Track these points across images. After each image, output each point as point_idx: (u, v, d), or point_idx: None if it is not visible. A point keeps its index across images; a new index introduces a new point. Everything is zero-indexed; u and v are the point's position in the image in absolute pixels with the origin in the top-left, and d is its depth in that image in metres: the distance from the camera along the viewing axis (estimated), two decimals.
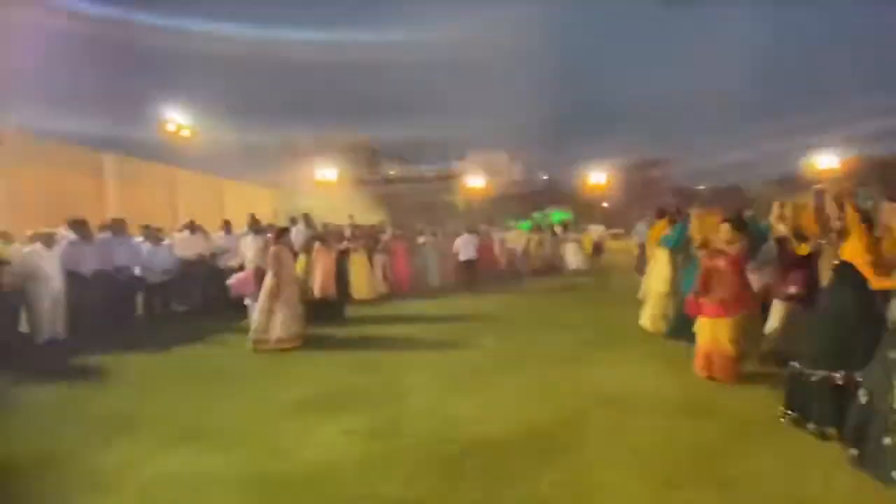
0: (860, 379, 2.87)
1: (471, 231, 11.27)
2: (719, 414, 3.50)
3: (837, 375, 3.05)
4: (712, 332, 4.21)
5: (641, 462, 2.85)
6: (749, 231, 4.59)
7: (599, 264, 15.65)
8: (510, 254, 13.28)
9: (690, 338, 4.60)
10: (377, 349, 5.75)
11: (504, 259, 12.97)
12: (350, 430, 3.44)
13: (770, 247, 4.93)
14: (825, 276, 3.61)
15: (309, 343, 5.96)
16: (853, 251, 3.05)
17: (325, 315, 7.23)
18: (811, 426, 3.13)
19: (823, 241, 3.77)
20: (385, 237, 10.75)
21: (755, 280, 4.70)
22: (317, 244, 7.74)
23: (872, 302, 3.08)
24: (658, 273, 6.04)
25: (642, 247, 12.27)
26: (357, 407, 3.92)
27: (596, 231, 19.75)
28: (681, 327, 5.16)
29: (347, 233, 9.79)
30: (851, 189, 4.35)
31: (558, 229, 15.33)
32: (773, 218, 4.73)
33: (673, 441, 3.11)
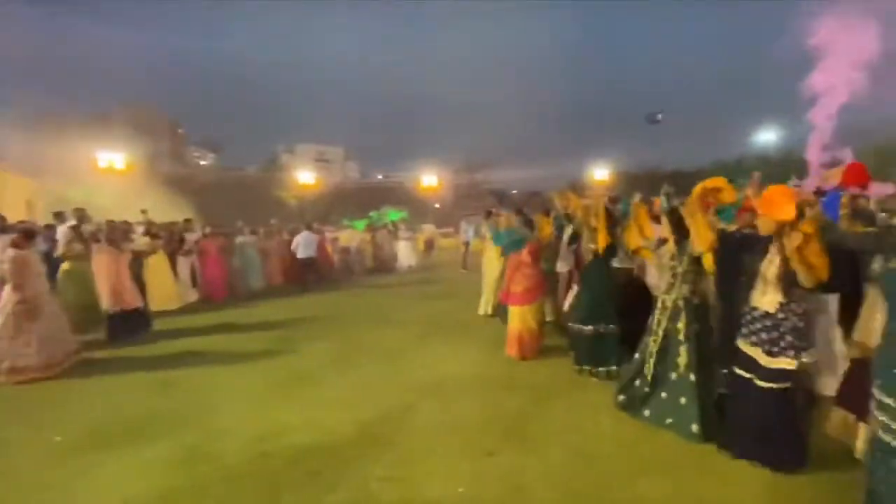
0: (612, 327, 4.13)
1: (309, 229, 10.66)
2: (527, 385, 4.02)
3: (600, 328, 4.17)
4: (521, 318, 4.82)
5: (462, 440, 3.06)
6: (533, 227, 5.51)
7: (431, 262, 16.52)
8: (343, 253, 12.97)
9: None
10: (184, 365, 4.91)
11: (337, 258, 12.58)
12: (150, 461, 2.89)
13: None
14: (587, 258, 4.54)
15: (95, 365, 4.85)
16: (603, 237, 4.19)
17: (123, 330, 5.91)
18: (587, 368, 4.19)
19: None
20: (193, 237, 9.24)
21: (562, 265, 5.57)
22: (96, 246, 6.20)
23: (614, 276, 4.33)
24: (491, 265, 6.76)
25: (466, 244, 13.46)
26: (159, 433, 3.29)
27: (428, 230, 20.75)
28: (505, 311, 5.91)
29: (140, 231, 8.10)
30: (612, 195, 5.43)
31: (394, 228, 15.62)
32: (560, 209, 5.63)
33: (490, 415, 3.44)
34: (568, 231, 5.26)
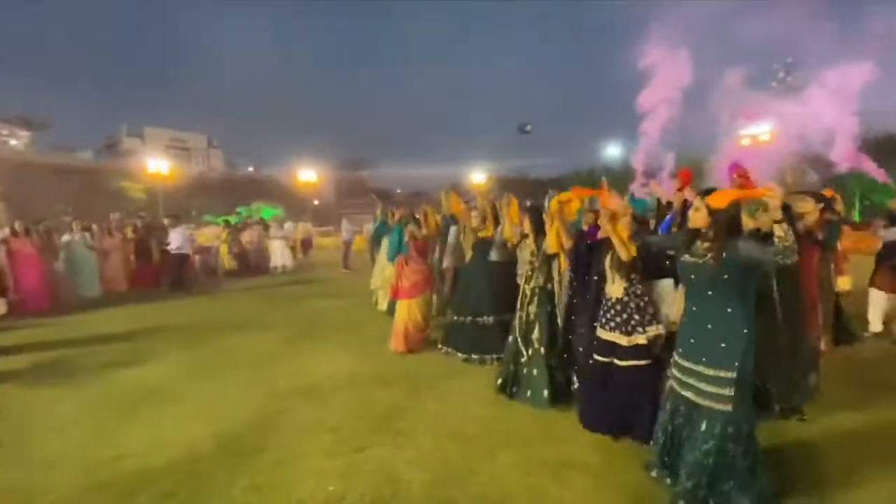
0: (490, 319, 4.45)
1: (174, 225, 9.61)
2: (401, 379, 4.13)
3: (480, 320, 4.51)
4: (408, 311, 4.99)
5: (333, 439, 3.05)
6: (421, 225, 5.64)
7: (309, 262, 15.77)
8: (203, 253, 11.66)
9: None
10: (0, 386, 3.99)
11: (197, 259, 11.24)
12: None
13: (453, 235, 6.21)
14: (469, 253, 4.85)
15: None
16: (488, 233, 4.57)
17: None
18: (462, 355, 4.50)
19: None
20: (1, 234, 7.48)
21: (447, 259, 5.81)
22: None
23: (494, 270, 4.56)
24: (382, 263, 6.81)
25: (348, 243, 13.16)
26: None
27: (305, 228, 19.71)
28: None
29: None
30: (491, 197, 5.84)
31: (265, 225, 14.54)
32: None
33: (363, 412, 3.47)
34: (454, 230, 5.55)
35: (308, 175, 27.13)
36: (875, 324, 5.09)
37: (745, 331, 2.18)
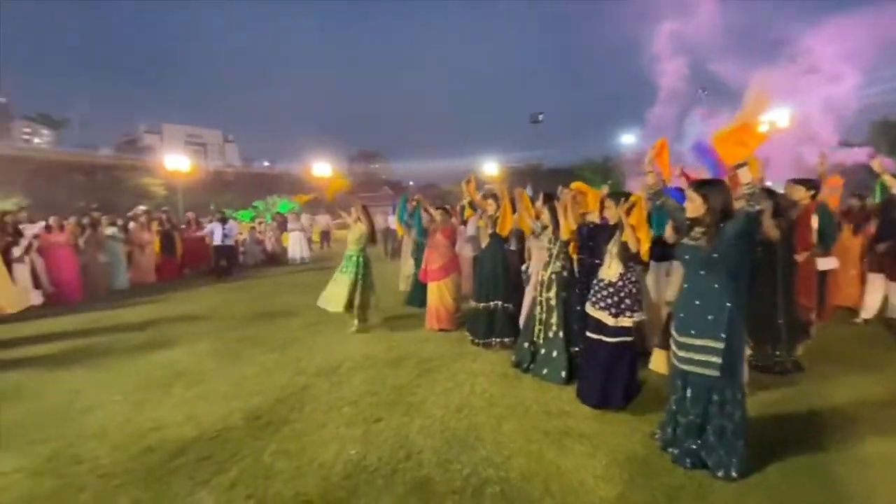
0: (508, 305, 4.64)
1: (222, 220, 10.32)
2: (415, 360, 4.39)
3: (491, 304, 4.71)
4: (439, 293, 5.35)
5: (353, 412, 3.32)
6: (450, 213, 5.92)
7: (329, 253, 16.12)
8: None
9: (420, 304, 5.94)
10: (30, 372, 4.36)
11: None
12: (2, 473, 2.63)
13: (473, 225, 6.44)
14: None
15: None
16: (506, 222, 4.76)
17: None
18: (476, 340, 4.73)
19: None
20: (32, 229, 7.89)
21: (468, 249, 6.05)
22: None
23: (508, 258, 4.86)
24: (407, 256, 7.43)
25: None
26: (3, 448, 2.97)
27: (325, 220, 20.04)
28: (412, 298, 6.56)
29: None
30: (504, 188, 5.99)
31: (283, 219, 14.96)
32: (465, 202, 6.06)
33: (378, 388, 3.74)
34: (473, 221, 5.76)
35: (322, 169, 27.40)
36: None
37: (729, 304, 2.36)
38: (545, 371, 3.78)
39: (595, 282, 3.28)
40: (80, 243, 8.22)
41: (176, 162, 22.27)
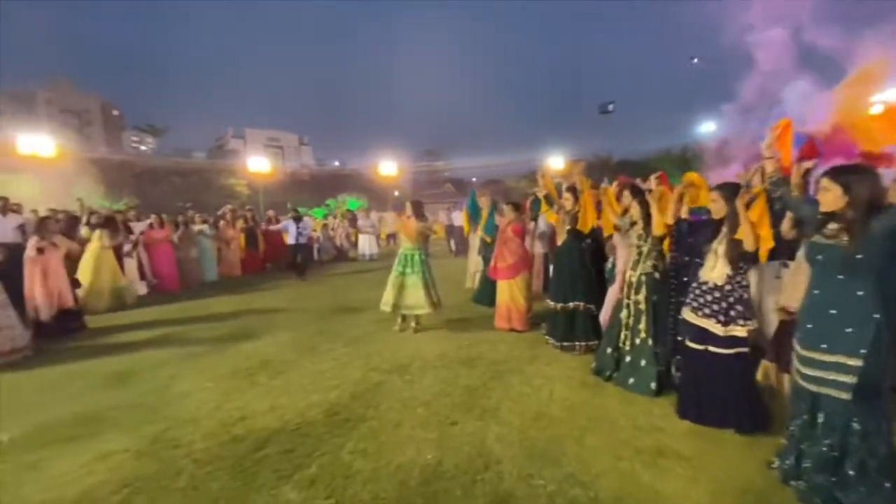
0: (590, 306, 4.39)
1: (298, 219, 10.59)
2: (488, 361, 4.27)
3: (570, 305, 4.44)
4: (509, 292, 5.20)
5: (428, 413, 3.26)
6: (521, 209, 5.70)
7: (396, 249, 16.47)
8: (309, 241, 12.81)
9: (489, 302, 5.83)
10: (139, 357, 4.80)
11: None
12: (109, 452, 2.87)
13: (544, 221, 6.29)
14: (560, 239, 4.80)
15: (40, 359, 4.67)
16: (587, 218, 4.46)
17: (56, 329, 5.62)
18: (555, 342, 4.48)
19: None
20: (139, 227, 8.79)
21: (539, 246, 5.87)
22: (32, 241, 5.77)
23: (587, 256, 4.56)
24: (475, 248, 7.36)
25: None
26: (118, 425, 3.26)
27: (390, 217, 20.57)
28: (480, 296, 6.45)
29: (84, 221, 7.61)
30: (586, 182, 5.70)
31: (352, 216, 15.52)
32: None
33: (451, 389, 3.65)
34: (543, 217, 5.56)
35: (389, 168, 28.11)
36: None
37: (876, 315, 1.96)
38: (631, 381, 3.47)
39: (696, 285, 2.92)
40: (175, 239, 9.02)
41: (258, 164, 23.95)
